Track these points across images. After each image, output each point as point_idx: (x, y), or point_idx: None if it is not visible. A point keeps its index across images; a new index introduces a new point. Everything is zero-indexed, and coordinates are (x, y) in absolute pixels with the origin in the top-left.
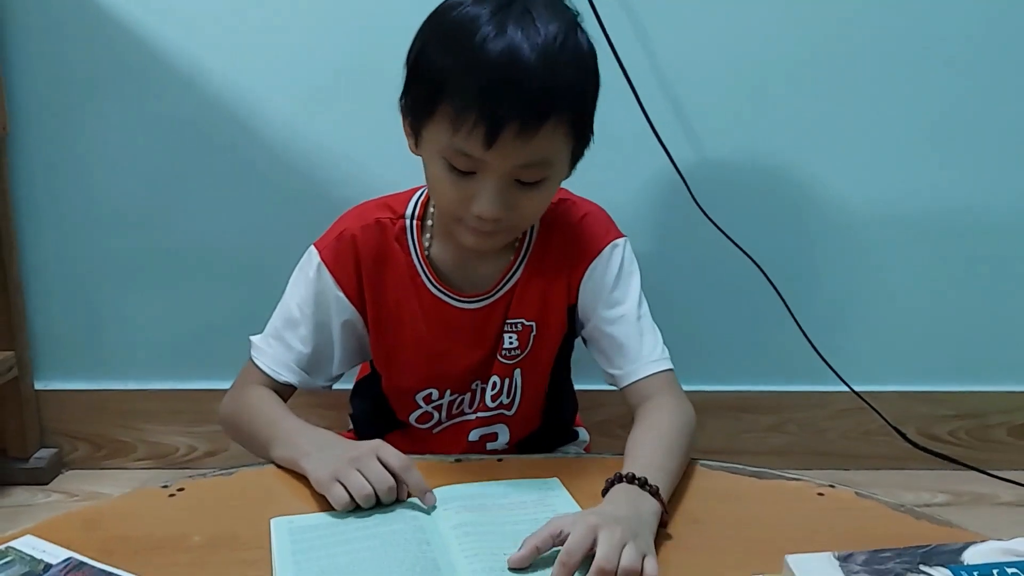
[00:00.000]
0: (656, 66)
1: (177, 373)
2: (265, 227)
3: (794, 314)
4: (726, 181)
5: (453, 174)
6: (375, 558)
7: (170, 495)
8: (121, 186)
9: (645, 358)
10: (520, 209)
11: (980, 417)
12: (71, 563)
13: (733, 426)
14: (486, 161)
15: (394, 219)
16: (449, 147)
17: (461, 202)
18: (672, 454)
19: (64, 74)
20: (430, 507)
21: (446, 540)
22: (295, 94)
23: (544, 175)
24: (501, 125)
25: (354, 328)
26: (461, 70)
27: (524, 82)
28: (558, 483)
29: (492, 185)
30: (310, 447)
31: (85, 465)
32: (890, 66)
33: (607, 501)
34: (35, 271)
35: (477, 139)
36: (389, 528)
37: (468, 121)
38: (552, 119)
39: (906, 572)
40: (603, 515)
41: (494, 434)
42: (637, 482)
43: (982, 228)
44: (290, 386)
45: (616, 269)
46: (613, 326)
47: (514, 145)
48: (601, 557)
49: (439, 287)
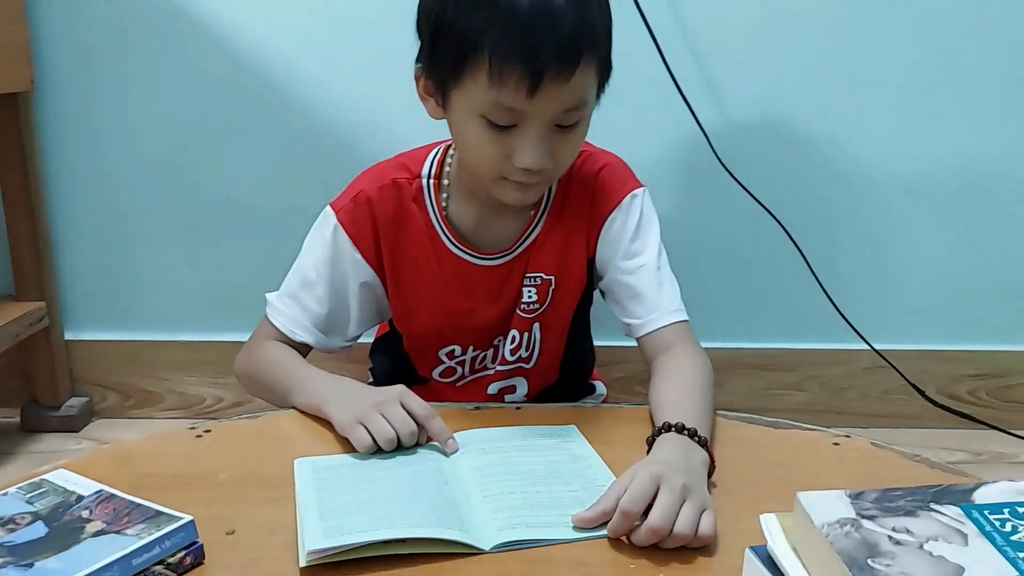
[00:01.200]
0: (681, 25)
1: (204, 325)
2: (292, 181)
3: (815, 272)
4: (749, 139)
5: (492, 131)
6: (395, 495)
7: (197, 436)
8: (148, 141)
9: (664, 308)
10: (560, 154)
11: (1001, 377)
12: (102, 494)
13: (754, 383)
14: (528, 112)
15: (411, 179)
16: (488, 103)
17: (502, 158)
18: (706, 405)
19: (90, 30)
20: (452, 451)
21: (464, 480)
22: (323, 51)
23: (580, 116)
24: (542, 72)
25: (372, 289)
26: (497, 24)
27: (559, 27)
28: (575, 429)
29: (536, 134)
30: (332, 393)
31: (114, 414)
32: (917, 25)
33: (657, 450)
34: (64, 224)
35: (520, 90)
36: (410, 469)
37: (509, 74)
38: (584, 59)
39: (917, 510)
40: (664, 464)
41: (512, 387)
42: (687, 432)
43: (1005, 187)
44: (306, 345)
45: (636, 219)
46: (632, 276)
47: (556, 90)
48: (658, 517)
49: (459, 245)
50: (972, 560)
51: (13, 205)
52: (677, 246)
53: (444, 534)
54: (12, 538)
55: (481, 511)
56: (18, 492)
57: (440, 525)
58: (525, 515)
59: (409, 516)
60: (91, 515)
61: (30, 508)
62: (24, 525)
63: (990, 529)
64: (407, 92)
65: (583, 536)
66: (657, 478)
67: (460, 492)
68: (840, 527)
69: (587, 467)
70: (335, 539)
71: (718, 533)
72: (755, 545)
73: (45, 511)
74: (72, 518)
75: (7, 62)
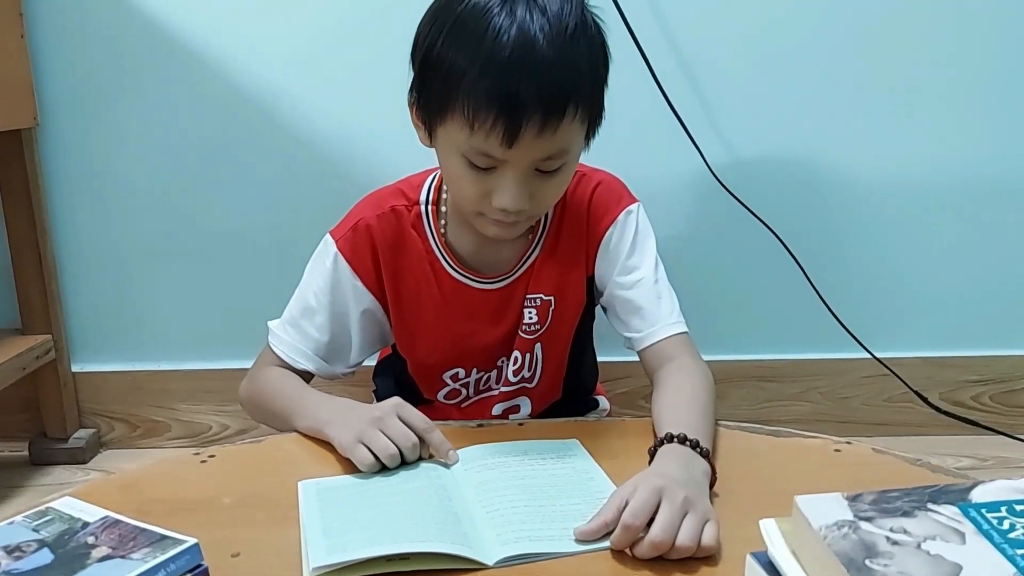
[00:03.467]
0: (672, 40)
1: (209, 353)
2: (294, 209)
3: (813, 282)
4: (744, 151)
5: (472, 170)
6: (399, 512)
7: (202, 461)
8: (150, 173)
9: (663, 320)
10: (541, 196)
11: (1005, 382)
12: (107, 520)
13: (756, 395)
14: (507, 160)
15: (409, 206)
16: (467, 146)
17: (482, 197)
18: (707, 416)
19: (91, 66)
20: (453, 462)
21: (467, 496)
22: (321, 81)
23: (563, 162)
24: (521, 124)
25: (373, 316)
26: (476, 70)
27: (542, 78)
28: (577, 444)
29: (513, 179)
30: (331, 415)
31: (122, 445)
32: (916, 31)
33: (659, 462)
34: (68, 258)
35: (496, 139)
36: (413, 486)
37: (487, 122)
38: (569, 110)
39: (914, 510)
40: (666, 477)
41: (516, 407)
42: (689, 443)
43: (1004, 192)
44: (307, 373)
45: (631, 235)
46: (630, 290)
47: (536, 141)
48: (660, 531)
49: (459, 270)
50: (970, 558)
51: (19, 239)
52: (676, 260)
53: (448, 549)
54: (19, 566)
55: (484, 526)
56: (24, 521)
57: (443, 540)
58: (528, 529)
59: (413, 532)
60: (97, 541)
61: (36, 536)
62: (31, 553)
63: (987, 527)
64: (406, 119)
65: (586, 549)
66: (659, 491)
67: (463, 508)
68: (838, 529)
69: (589, 480)
70: (338, 555)
71: (721, 541)
72: (755, 551)
73: (51, 538)
74: (78, 544)
75: (10, 99)
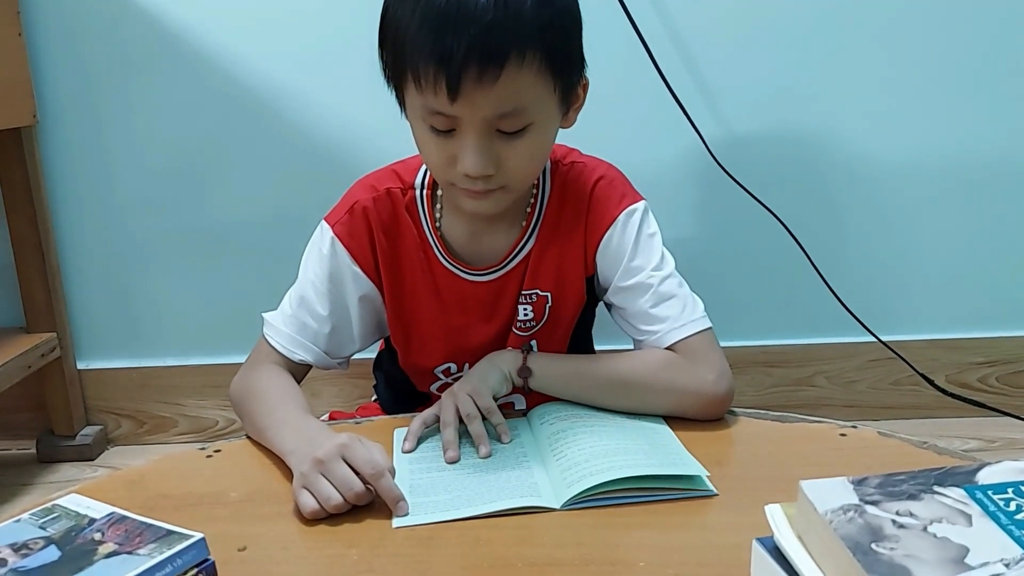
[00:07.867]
0: (670, 24)
1: (214, 348)
2: (298, 201)
3: (817, 266)
4: (746, 138)
5: (435, 135)
6: (476, 473)
7: (207, 456)
8: (152, 168)
9: (670, 324)
10: (509, 162)
11: (1011, 363)
12: (114, 517)
13: (762, 381)
14: (459, 116)
15: (404, 189)
16: (422, 108)
17: (448, 164)
18: (618, 373)
19: (89, 63)
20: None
21: (542, 448)
22: (321, 74)
23: (525, 122)
24: (459, 73)
25: (372, 303)
26: (415, 25)
27: (476, 24)
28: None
29: (472, 140)
30: (295, 444)
31: (129, 441)
32: (915, 16)
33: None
34: (72, 255)
35: (441, 93)
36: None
37: (428, 75)
38: (513, 58)
39: (920, 493)
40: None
41: (511, 404)
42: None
43: (1007, 174)
44: (305, 364)
45: (633, 237)
46: (634, 295)
47: (479, 92)
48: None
49: (450, 261)
50: (977, 540)
51: (21, 237)
52: (681, 248)
53: (516, 503)
54: (26, 563)
55: (555, 472)
56: (31, 518)
57: (514, 496)
58: (591, 466)
59: (487, 493)
60: (103, 537)
61: (43, 533)
62: (37, 550)
63: (994, 509)
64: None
65: (642, 472)
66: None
67: (537, 459)
68: (843, 513)
69: (654, 432)
70: (421, 517)
71: (726, 526)
72: (762, 536)
73: (58, 535)
74: (84, 541)
75: (10, 98)
